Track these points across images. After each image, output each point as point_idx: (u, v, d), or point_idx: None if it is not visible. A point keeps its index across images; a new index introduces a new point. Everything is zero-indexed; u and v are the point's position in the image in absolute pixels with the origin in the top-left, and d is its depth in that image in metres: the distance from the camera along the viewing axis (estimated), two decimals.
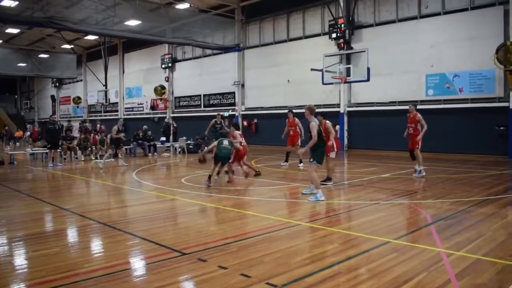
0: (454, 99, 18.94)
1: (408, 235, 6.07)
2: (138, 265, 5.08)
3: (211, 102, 30.40)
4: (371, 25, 21.81)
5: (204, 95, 31.04)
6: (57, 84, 48.84)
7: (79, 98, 44.60)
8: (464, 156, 17.78)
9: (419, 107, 19.64)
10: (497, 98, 17.74)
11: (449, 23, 19.00)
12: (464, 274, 4.48)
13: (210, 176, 10.78)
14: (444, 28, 19.14)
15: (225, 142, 11.08)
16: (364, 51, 17.74)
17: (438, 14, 19.40)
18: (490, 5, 17.82)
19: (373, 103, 21.47)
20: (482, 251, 5.26)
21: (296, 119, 14.88)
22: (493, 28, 17.57)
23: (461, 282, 4.25)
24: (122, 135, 17.18)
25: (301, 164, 14.82)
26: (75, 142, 20.54)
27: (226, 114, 28.96)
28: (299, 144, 14.78)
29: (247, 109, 27.87)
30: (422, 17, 20.00)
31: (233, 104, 28.57)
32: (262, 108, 26.74)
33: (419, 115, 12.21)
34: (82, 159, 19.32)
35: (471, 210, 7.72)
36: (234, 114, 28.36)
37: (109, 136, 17.98)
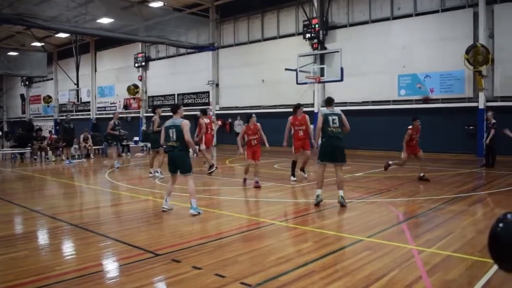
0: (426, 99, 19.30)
1: (380, 233, 6.15)
2: (110, 267, 5.00)
3: (185, 101, 30.16)
4: (344, 26, 22.04)
5: (178, 95, 30.81)
6: (26, 82, 47.60)
7: (49, 97, 43.62)
8: (435, 155, 18.12)
9: (391, 107, 20.21)
10: (467, 99, 18.17)
11: (420, 24, 19.36)
12: (435, 270, 4.56)
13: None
14: (415, 30, 19.49)
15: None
16: (338, 52, 17.92)
17: (410, 15, 19.75)
18: (460, 8, 18.25)
19: (346, 102, 21.66)
20: (452, 247, 5.37)
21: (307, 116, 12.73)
22: (463, 30, 17.99)
23: (432, 278, 4.33)
24: (117, 131, 16.40)
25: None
26: (46, 142, 20.09)
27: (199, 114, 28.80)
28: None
29: (222, 108, 27.80)
30: (394, 18, 20.32)
31: (208, 104, 28.43)
32: (236, 108, 26.69)
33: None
34: (53, 159, 18.93)
35: (442, 208, 7.89)
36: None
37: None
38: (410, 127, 11.46)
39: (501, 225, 1.69)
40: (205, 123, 13.18)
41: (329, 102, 8.64)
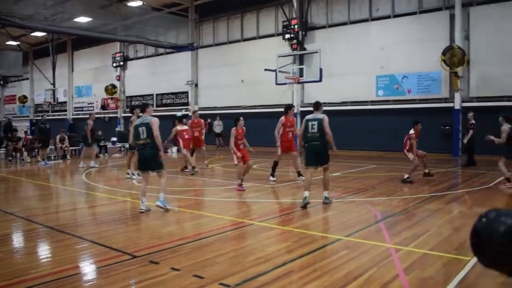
0: (403, 99, 19.55)
1: (358, 232, 6.21)
2: (87, 269, 4.93)
3: (164, 101, 29.95)
4: (323, 27, 22.16)
5: (157, 95, 30.54)
6: (1, 82, 46.61)
7: (25, 97, 42.77)
8: None
9: (369, 107, 20.40)
10: (443, 99, 18.47)
11: (398, 26, 19.60)
12: (412, 268, 4.62)
13: None
14: (393, 31, 19.71)
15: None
16: (317, 52, 18.04)
17: (388, 17, 19.97)
18: (437, 10, 18.54)
19: (325, 103, 21.63)
20: (428, 245, 5.45)
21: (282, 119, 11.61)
22: (439, 32, 18.27)
23: (409, 276, 4.39)
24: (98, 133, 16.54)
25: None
26: (21, 143, 19.67)
27: (179, 114, 28.65)
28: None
29: (201, 108, 27.62)
30: (373, 19, 20.50)
31: (187, 104, 28.29)
32: (216, 108, 26.60)
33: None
34: (28, 160, 18.57)
35: (419, 207, 8.00)
36: (187, 114, 28.07)
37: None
38: (412, 131, 11.46)
39: (482, 221, 1.76)
40: (177, 130, 13.60)
41: (315, 106, 8.74)
